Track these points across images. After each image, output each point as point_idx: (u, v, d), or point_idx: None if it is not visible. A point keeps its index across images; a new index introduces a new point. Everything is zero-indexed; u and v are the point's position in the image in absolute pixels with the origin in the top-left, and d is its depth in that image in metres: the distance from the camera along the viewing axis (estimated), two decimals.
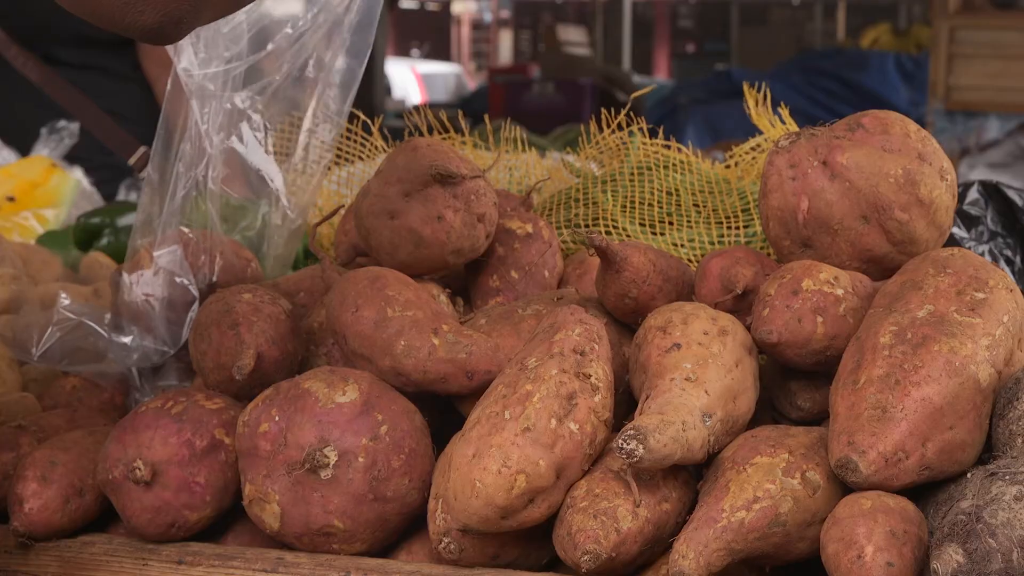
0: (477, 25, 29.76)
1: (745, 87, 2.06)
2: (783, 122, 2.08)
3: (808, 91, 9.35)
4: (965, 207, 2.01)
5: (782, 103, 2.13)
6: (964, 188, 2.03)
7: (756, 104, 2.07)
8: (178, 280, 1.78)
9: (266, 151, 1.92)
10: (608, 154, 2.18)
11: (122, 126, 3.51)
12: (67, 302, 1.98)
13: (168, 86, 1.83)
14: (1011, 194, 2.03)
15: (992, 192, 2.02)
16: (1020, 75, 6.34)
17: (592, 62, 12.38)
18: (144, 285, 1.79)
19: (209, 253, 1.81)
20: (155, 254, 1.78)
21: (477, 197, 1.72)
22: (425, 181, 1.70)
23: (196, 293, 1.78)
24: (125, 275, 1.81)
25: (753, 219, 1.99)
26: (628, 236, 1.99)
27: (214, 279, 1.81)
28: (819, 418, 1.56)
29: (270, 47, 1.89)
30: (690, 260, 1.96)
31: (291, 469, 1.46)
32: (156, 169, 1.82)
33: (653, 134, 2.14)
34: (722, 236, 1.99)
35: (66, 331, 1.93)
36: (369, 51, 1.95)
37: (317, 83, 1.99)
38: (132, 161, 3.40)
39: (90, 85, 3.58)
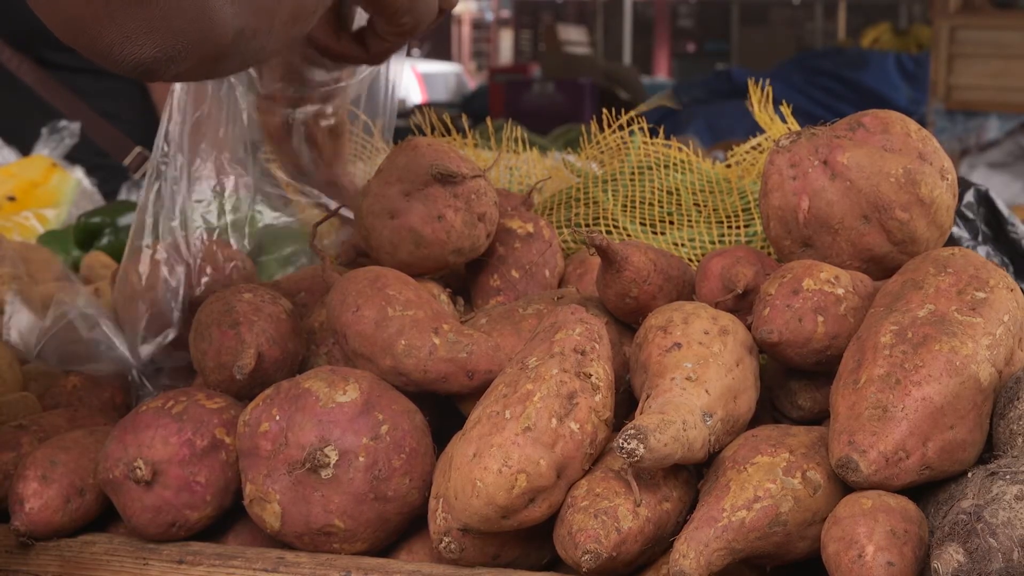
0: (477, 24, 29.76)
1: (750, 83, 2.05)
2: (784, 121, 2.08)
3: (808, 90, 9.34)
4: (963, 208, 2.01)
5: (783, 102, 2.13)
6: (962, 190, 2.03)
7: (759, 102, 2.07)
8: (159, 296, 1.79)
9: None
10: (609, 153, 2.18)
11: (117, 127, 3.51)
12: (67, 302, 1.98)
13: (172, 88, 1.83)
14: (999, 204, 2.03)
15: (983, 200, 2.02)
16: (1020, 75, 6.34)
17: (593, 61, 12.38)
18: (128, 297, 1.80)
19: (194, 260, 1.81)
20: (140, 270, 1.79)
21: (478, 196, 1.72)
22: (425, 180, 1.70)
23: (176, 315, 1.78)
24: (114, 285, 1.82)
25: (753, 218, 1.99)
26: (628, 235, 1.99)
27: (198, 292, 1.81)
28: (820, 417, 1.56)
29: None
30: (691, 259, 1.96)
31: (292, 469, 1.46)
32: (154, 171, 1.83)
33: (653, 133, 2.14)
34: (723, 235, 1.99)
35: (66, 331, 1.93)
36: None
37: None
38: (127, 162, 3.40)
39: (84, 87, 3.58)
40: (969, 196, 2.03)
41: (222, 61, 1.29)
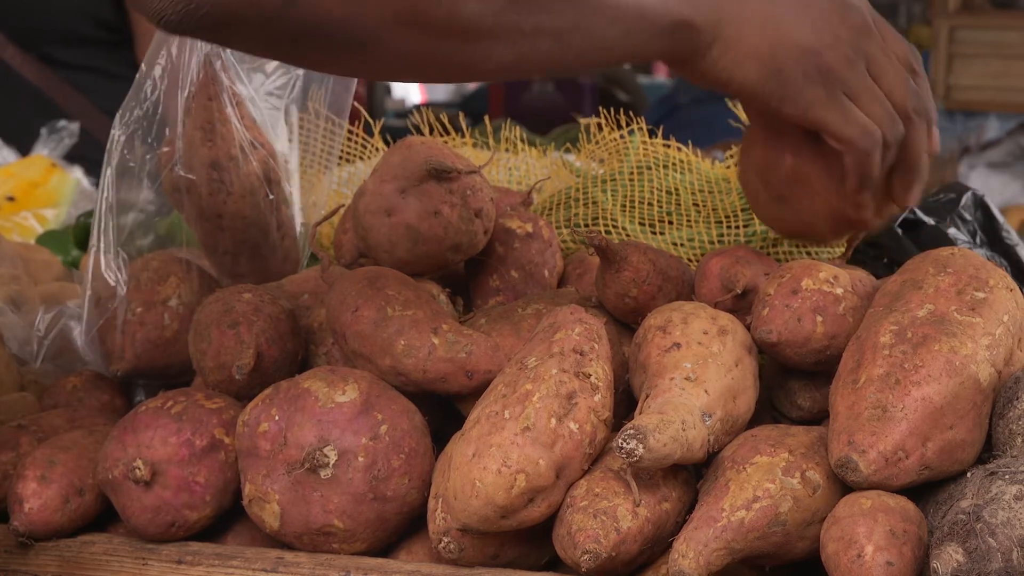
0: None
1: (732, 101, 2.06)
2: None
3: None
4: (960, 209, 2.01)
5: None
6: (958, 194, 2.03)
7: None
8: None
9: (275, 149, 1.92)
10: (607, 150, 2.18)
11: None
12: (67, 302, 1.98)
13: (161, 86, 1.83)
14: (994, 210, 2.03)
15: (979, 204, 2.03)
16: (1020, 75, 6.33)
17: None
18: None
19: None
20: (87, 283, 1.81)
21: (473, 192, 1.72)
22: (421, 177, 1.70)
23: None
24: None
25: (753, 218, 1.99)
26: (628, 235, 1.99)
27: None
28: (819, 417, 1.56)
29: None
30: (690, 259, 1.96)
31: (291, 469, 1.46)
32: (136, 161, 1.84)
33: (653, 134, 2.14)
34: (722, 235, 1.99)
35: (65, 331, 1.93)
36: None
37: (315, 82, 1.99)
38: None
39: (87, 85, 3.58)
40: (966, 199, 2.03)
41: (267, 30, 1.20)
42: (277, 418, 1.48)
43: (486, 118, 2.30)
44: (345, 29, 1.23)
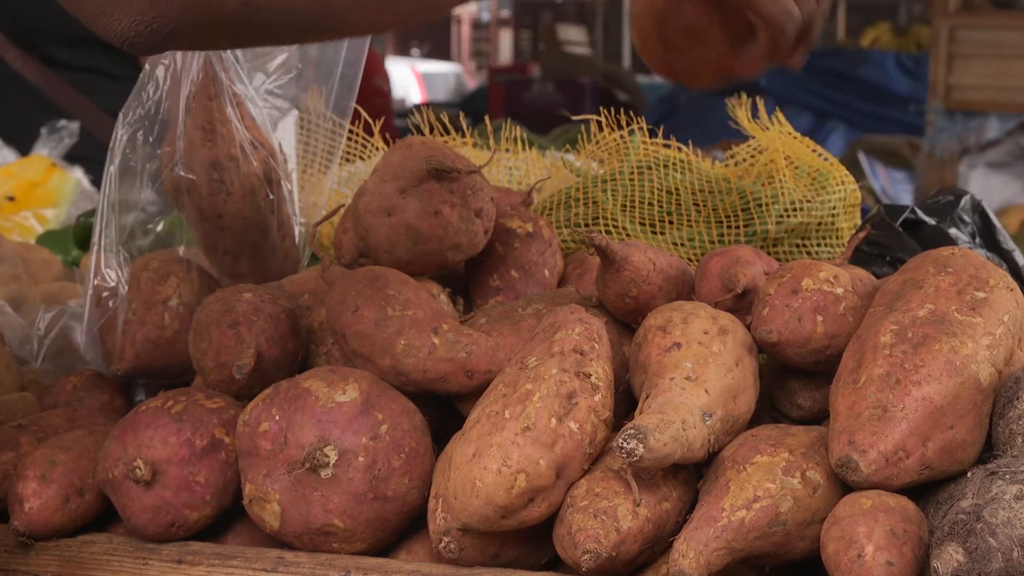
0: (477, 24, 29.73)
1: (730, 102, 2.07)
2: (779, 124, 2.09)
3: (808, 84, 9.33)
4: (960, 211, 2.01)
5: (777, 108, 2.14)
6: (956, 196, 2.04)
7: (745, 111, 2.08)
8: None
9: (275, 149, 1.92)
10: (607, 150, 2.18)
11: None
12: (67, 302, 1.98)
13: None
14: (992, 216, 2.04)
15: (976, 208, 2.03)
16: (1020, 75, 6.32)
17: (592, 61, 12.36)
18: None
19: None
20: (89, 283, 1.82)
21: (474, 192, 1.72)
22: (421, 177, 1.70)
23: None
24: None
25: (753, 218, 1.99)
26: (628, 235, 1.99)
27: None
28: (819, 417, 1.56)
29: (270, 48, 1.90)
30: (690, 259, 1.96)
31: (291, 468, 1.46)
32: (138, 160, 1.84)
33: (653, 133, 2.14)
34: (722, 235, 1.99)
35: (65, 331, 1.93)
36: (366, 49, 1.96)
37: (317, 82, 2.00)
38: None
39: (89, 85, 3.59)
40: (965, 201, 2.03)
41: (232, 32, 1.24)
42: (277, 418, 1.48)
43: (486, 118, 2.30)
44: (311, 16, 1.27)
